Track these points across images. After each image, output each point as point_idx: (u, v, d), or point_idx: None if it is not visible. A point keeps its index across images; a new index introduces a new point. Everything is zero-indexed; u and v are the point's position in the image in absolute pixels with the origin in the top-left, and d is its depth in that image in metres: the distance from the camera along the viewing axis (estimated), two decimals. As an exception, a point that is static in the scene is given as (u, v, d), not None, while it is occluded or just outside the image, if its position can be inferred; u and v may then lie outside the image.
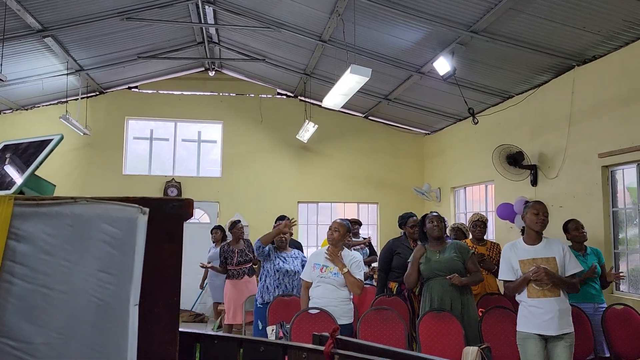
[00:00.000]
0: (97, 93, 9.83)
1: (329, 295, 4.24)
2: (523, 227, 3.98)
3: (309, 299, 4.35)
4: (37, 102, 9.37)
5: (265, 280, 5.10)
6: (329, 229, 4.50)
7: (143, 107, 10.07)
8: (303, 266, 5.07)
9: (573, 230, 4.88)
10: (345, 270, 4.20)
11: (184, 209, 1.30)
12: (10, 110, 9.43)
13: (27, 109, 9.52)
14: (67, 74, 8.21)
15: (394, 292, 5.17)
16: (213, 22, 7.78)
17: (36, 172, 1.56)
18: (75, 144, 9.57)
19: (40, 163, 1.47)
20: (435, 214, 4.59)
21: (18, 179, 1.54)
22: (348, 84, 5.62)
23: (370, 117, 10.47)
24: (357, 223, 7.45)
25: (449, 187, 9.50)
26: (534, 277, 3.58)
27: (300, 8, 6.52)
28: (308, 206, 10.43)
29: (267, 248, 5.15)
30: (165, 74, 9.97)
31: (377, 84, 8.05)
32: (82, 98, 9.15)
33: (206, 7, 7.20)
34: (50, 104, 9.49)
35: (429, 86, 7.79)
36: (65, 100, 8.99)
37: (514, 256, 3.77)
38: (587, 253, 4.86)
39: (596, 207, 5.63)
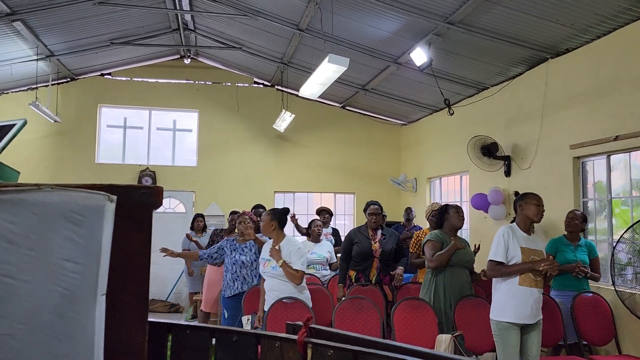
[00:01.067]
0: (69, 79, 9.59)
1: (276, 288, 4.27)
2: (514, 217, 4.00)
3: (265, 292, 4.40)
4: (6, 88, 9.11)
5: (225, 275, 5.08)
6: None
7: (116, 95, 9.87)
8: (256, 252, 5.08)
9: (566, 219, 5.03)
10: (280, 262, 4.18)
11: (154, 196, 1.27)
12: (-22, 96, 9.16)
13: (-5, 95, 9.26)
14: (37, 60, 7.99)
15: (353, 280, 5.21)
16: (189, 9, 7.65)
17: (0, 160, 1.51)
18: (45, 131, 9.36)
19: (2, 149, 1.42)
20: (455, 204, 4.72)
21: (-20, 165, 1.48)
22: (325, 73, 5.60)
23: (347, 107, 10.46)
24: (327, 212, 7.43)
25: (425, 177, 9.58)
26: (547, 268, 3.56)
27: (277, -4, 6.46)
28: (285, 196, 10.41)
29: (212, 251, 5.13)
30: (140, 61, 9.78)
31: (354, 74, 8.04)
32: (52, 84, 8.93)
33: (181, -7, 7.08)
34: (19, 90, 9.23)
35: (406, 77, 7.81)
36: (35, 86, 8.76)
37: (515, 242, 3.71)
38: (578, 244, 4.96)
39: (567, 197, 5.75)
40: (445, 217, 4.61)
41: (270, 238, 4.52)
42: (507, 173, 6.84)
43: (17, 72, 8.33)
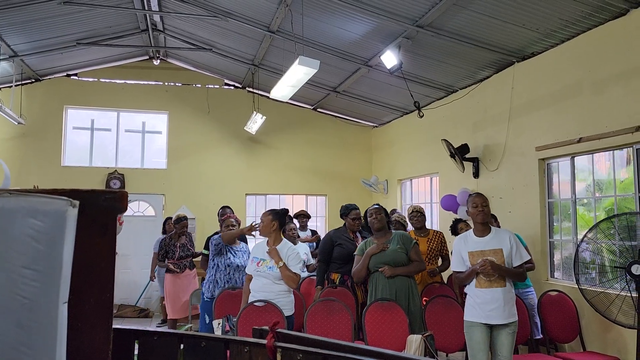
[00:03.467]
0: (33, 80, 9.34)
1: (266, 289, 4.23)
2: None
3: (250, 292, 4.34)
4: (-33, 88, 8.83)
5: (215, 275, 5.01)
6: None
7: (83, 96, 9.65)
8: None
9: None
10: (281, 264, 4.16)
11: (118, 201, 1.24)
12: (-64, 97, 8.83)
13: (-45, 96, 8.94)
14: (0, 60, 7.76)
15: (337, 283, 5.20)
16: (157, 9, 7.53)
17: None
18: (8, 133, 9.10)
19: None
20: (375, 206, 4.67)
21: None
22: (296, 75, 5.60)
23: (319, 109, 10.48)
24: (305, 216, 7.40)
25: (395, 179, 9.66)
26: (481, 270, 3.70)
27: (247, -3, 6.43)
28: (256, 198, 10.36)
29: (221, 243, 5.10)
30: (107, 62, 9.59)
31: (325, 76, 8.06)
32: (16, 85, 8.68)
33: (150, -7, 6.97)
34: (-19, 91, 8.95)
35: (377, 79, 7.87)
36: (-3, 87, 8.52)
37: (464, 248, 3.87)
38: None
39: (533, 198, 5.87)
40: (367, 222, 4.64)
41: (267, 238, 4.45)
42: (476, 174, 6.96)
43: (-22, 73, 8.08)
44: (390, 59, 6.28)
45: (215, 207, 7.46)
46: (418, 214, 5.66)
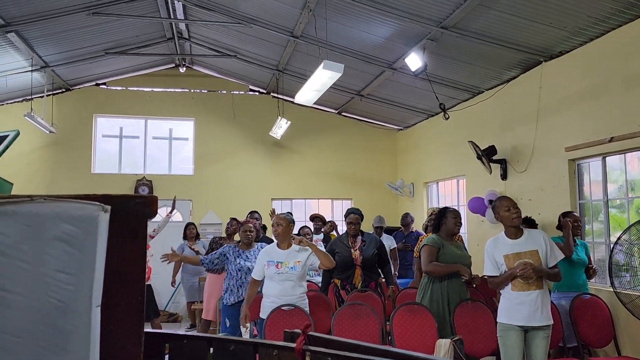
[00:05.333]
0: (64, 90, 9.58)
1: (289, 292, 4.24)
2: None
3: (253, 297, 4.38)
4: (0, 100, 9.09)
5: (228, 282, 5.03)
6: (272, 225, 4.53)
7: (112, 104, 9.86)
8: None
9: (570, 221, 5.05)
10: (314, 248, 4.33)
11: (148, 206, 1.26)
12: (-28, 108, 9.13)
13: (-10, 107, 9.23)
14: (32, 71, 7.98)
15: (339, 287, 5.22)
16: (183, 18, 7.65)
17: (-7, 171, 1.50)
18: (40, 142, 9.34)
19: (-5, 160, 1.41)
20: (454, 209, 4.72)
21: (-27, 177, 1.47)
22: (320, 79, 5.61)
23: (343, 113, 10.47)
24: (320, 219, 7.35)
25: (421, 182, 9.58)
26: (521, 273, 3.59)
27: (271, 3, 6.48)
28: (282, 203, 10.40)
29: (213, 257, 5.08)
30: (135, 71, 9.78)
31: (349, 80, 8.05)
32: (47, 95, 8.91)
33: (175, 2, 7.07)
34: (14, 102, 9.21)
35: (401, 82, 7.83)
36: (30, 97, 8.74)
37: (498, 252, 3.75)
38: (576, 244, 5.03)
39: (563, 199, 5.75)
40: (442, 221, 4.60)
41: (280, 242, 4.48)
42: (504, 176, 6.84)
43: (12, 84, 8.32)
44: (414, 61, 6.24)
45: (241, 212, 7.52)
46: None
